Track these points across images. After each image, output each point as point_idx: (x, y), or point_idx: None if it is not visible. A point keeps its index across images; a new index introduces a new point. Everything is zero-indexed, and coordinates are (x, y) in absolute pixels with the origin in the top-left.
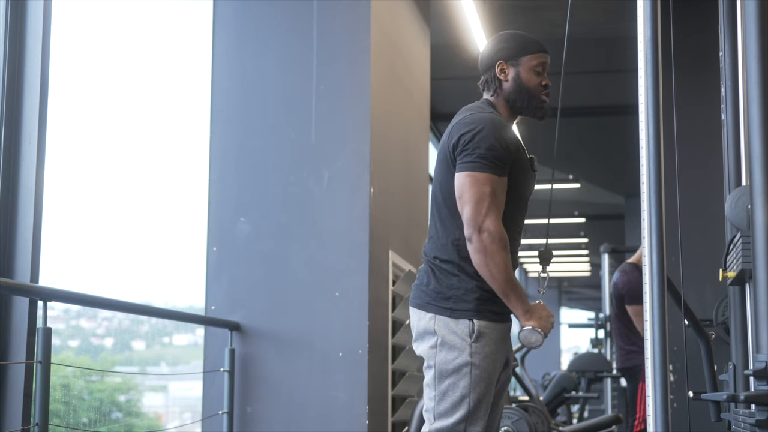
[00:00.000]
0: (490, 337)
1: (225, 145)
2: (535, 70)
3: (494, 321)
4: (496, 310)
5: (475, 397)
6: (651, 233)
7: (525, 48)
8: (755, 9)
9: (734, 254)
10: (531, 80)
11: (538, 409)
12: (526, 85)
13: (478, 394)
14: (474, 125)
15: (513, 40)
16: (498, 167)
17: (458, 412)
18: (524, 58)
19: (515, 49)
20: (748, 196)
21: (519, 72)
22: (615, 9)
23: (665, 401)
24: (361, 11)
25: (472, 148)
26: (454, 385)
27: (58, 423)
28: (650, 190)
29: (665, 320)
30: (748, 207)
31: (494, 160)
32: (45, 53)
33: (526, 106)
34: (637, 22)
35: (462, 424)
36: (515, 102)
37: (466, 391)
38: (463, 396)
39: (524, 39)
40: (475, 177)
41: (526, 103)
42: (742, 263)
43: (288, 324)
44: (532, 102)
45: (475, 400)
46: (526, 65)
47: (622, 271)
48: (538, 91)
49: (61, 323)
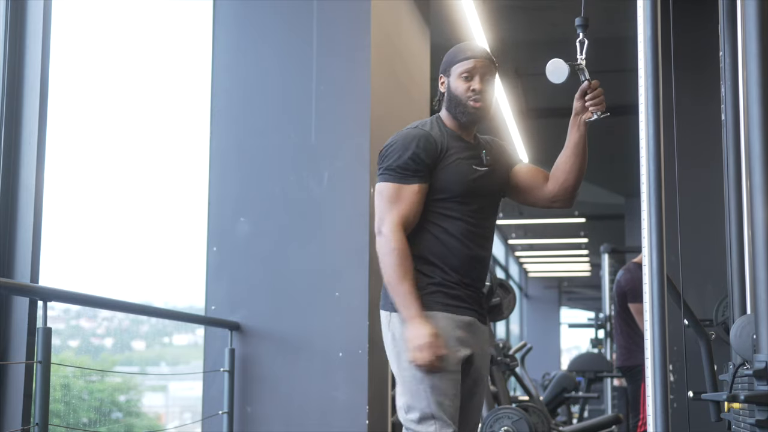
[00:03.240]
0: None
1: (225, 145)
2: (461, 76)
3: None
4: (445, 301)
5: (439, 392)
6: (651, 233)
7: (454, 57)
8: (755, 9)
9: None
10: (458, 87)
11: (538, 409)
12: (454, 92)
13: (440, 390)
14: (389, 142)
15: (450, 53)
16: (403, 177)
17: (421, 407)
18: (454, 68)
19: (448, 62)
20: (752, 325)
21: (449, 82)
22: (615, 9)
23: (665, 401)
24: (361, 11)
25: (381, 162)
26: (412, 379)
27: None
28: (650, 190)
29: (665, 320)
30: (753, 337)
31: (399, 171)
32: (45, 53)
33: (455, 112)
34: (637, 22)
35: (430, 421)
36: (449, 110)
37: (428, 389)
38: (425, 392)
39: (458, 48)
40: (378, 188)
41: (454, 110)
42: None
43: (288, 324)
44: (458, 108)
45: (437, 395)
46: (455, 74)
47: (626, 269)
48: (464, 97)
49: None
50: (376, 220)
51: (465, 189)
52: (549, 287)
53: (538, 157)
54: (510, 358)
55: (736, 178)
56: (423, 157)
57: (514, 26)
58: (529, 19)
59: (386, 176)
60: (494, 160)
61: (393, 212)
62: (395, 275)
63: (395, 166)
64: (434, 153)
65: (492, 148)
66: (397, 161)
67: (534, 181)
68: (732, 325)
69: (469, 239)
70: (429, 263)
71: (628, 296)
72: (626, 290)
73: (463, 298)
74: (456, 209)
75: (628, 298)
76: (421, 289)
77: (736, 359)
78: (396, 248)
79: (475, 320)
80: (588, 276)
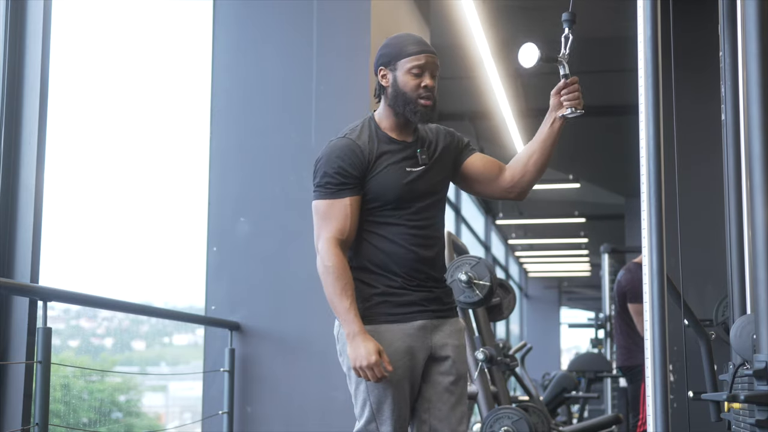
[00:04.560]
0: (380, 339)
1: (225, 145)
2: (411, 72)
3: (389, 322)
4: (390, 311)
5: (375, 399)
6: (651, 233)
7: (401, 50)
8: (755, 9)
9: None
10: (407, 84)
11: (538, 409)
12: (402, 89)
13: (377, 396)
14: (317, 159)
15: (393, 44)
16: (332, 192)
17: (364, 414)
18: (401, 62)
19: (392, 54)
20: (753, 325)
21: (396, 76)
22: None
23: (665, 401)
24: (361, 11)
25: (313, 178)
26: (357, 388)
27: (58, 423)
28: (650, 190)
29: (665, 320)
30: (753, 337)
31: (327, 186)
32: (45, 53)
33: (402, 110)
34: (637, 22)
35: (372, 424)
36: (395, 107)
37: (365, 395)
38: (364, 399)
39: (403, 41)
40: (313, 206)
41: (402, 107)
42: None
43: (288, 324)
44: (408, 106)
45: (375, 403)
46: (403, 68)
47: (626, 269)
48: (415, 95)
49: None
50: (315, 238)
51: (398, 194)
52: (549, 287)
53: None
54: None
55: (736, 178)
56: (349, 169)
57: (514, 26)
58: (529, 19)
59: (317, 193)
60: (434, 155)
61: (326, 229)
62: (334, 293)
63: (323, 182)
64: (360, 163)
65: (434, 140)
66: (324, 176)
67: (489, 172)
68: (732, 325)
69: (411, 242)
70: (371, 272)
71: (628, 296)
72: (626, 290)
73: (412, 302)
74: (393, 215)
75: (628, 298)
76: (366, 300)
77: (736, 359)
78: (331, 265)
79: (430, 321)
80: (588, 276)
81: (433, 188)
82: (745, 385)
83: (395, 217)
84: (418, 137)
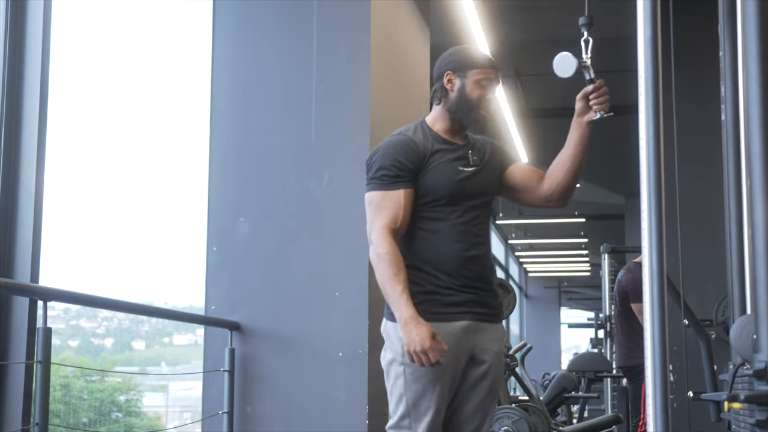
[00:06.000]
0: None
1: (225, 145)
2: (480, 83)
3: (433, 321)
4: (435, 310)
5: (412, 395)
6: (651, 233)
7: (473, 62)
8: (755, 9)
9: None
10: (474, 92)
11: (538, 409)
12: (468, 96)
13: (414, 392)
14: (372, 153)
15: (464, 53)
16: (387, 183)
17: (399, 410)
18: (471, 72)
19: (464, 62)
20: (753, 325)
21: (464, 84)
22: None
23: (665, 401)
24: (361, 11)
25: (367, 172)
26: (394, 384)
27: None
28: (650, 190)
29: (665, 320)
30: (753, 337)
31: (383, 179)
32: (45, 53)
33: (465, 116)
34: (637, 22)
35: (406, 420)
36: (456, 112)
37: (402, 390)
38: (401, 394)
39: (475, 53)
40: (366, 198)
41: (465, 114)
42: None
43: (288, 324)
44: (471, 113)
45: (412, 398)
46: (472, 78)
47: (627, 269)
48: (478, 104)
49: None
50: (367, 229)
51: (451, 191)
52: (549, 287)
53: (538, 157)
54: (510, 358)
55: (736, 178)
56: (405, 162)
57: (514, 26)
58: (529, 19)
59: (371, 185)
60: (483, 159)
61: (380, 219)
62: (387, 278)
63: (379, 175)
64: (416, 157)
65: (482, 147)
66: (380, 169)
67: (529, 181)
68: (732, 325)
69: (461, 240)
70: (419, 270)
71: (631, 297)
72: (628, 290)
73: (458, 302)
74: (444, 211)
75: (631, 298)
76: (411, 298)
77: (736, 359)
78: (384, 252)
79: (474, 322)
80: (588, 276)
81: (483, 189)
82: (745, 385)
83: (447, 214)
84: (468, 141)
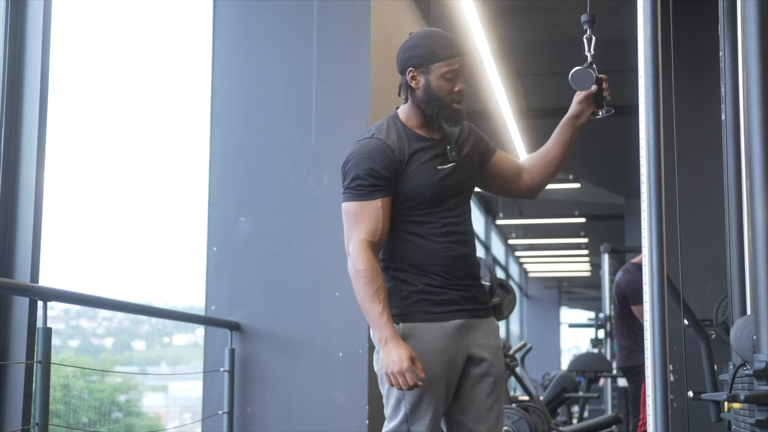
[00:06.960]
0: (419, 337)
1: (225, 145)
2: (445, 77)
3: (428, 321)
4: (429, 310)
5: (411, 399)
6: (651, 233)
7: (434, 55)
8: (755, 9)
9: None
10: (441, 88)
11: (538, 409)
12: (436, 94)
13: (413, 396)
14: (345, 159)
15: (423, 45)
16: (362, 193)
17: (398, 414)
18: (434, 66)
19: (425, 56)
20: (753, 326)
21: (429, 80)
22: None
23: (665, 401)
24: (361, 11)
25: (343, 181)
26: (390, 388)
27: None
28: (650, 190)
29: (665, 320)
30: (753, 337)
31: (358, 188)
32: (45, 53)
33: (437, 114)
34: (637, 22)
35: (404, 425)
36: (426, 110)
37: (401, 394)
38: (398, 398)
39: (435, 44)
40: (343, 208)
41: (436, 111)
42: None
43: (288, 324)
44: (442, 111)
45: (411, 401)
46: (436, 73)
47: (625, 270)
48: (449, 99)
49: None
50: (345, 240)
51: (432, 193)
52: (549, 287)
53: None
54: (510, 358)
55: (736, 178)
56: (380, 171)
57: (514, 26)
58: (529, 19)
59: (347, 195)
60: (463, 152)
61: (358, 231)
62: (366, 297)
63: (354, 185)
64: (392, 164)
65: (461, 137)
66: (355, 179)
67: (509, 172)
68: (732, 325)
69: (447, 239)
70: (411, 270)
71: (630, 299)
72: (626, 292)
73: (450, 301)
74: (428, 212)
75: (630, 300)
76: (405, 299)
77: (736, 359)
78: (363, 269)
79: (468, 320)
80: (588, 276)
81: (465, 183)
82: (745, 385)
83: (430, 215)
84: (445, 134)
